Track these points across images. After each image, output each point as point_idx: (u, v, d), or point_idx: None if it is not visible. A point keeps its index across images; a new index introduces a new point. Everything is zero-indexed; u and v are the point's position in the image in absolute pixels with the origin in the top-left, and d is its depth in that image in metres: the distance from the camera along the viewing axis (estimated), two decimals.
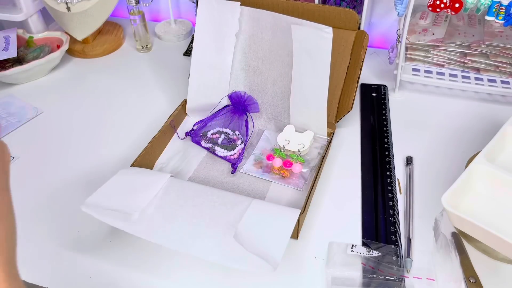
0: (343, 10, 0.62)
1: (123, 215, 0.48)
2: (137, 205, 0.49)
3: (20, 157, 0.64)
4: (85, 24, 0.83)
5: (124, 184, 0.53)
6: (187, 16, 0.96)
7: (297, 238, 0.52)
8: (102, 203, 0.49)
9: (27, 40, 0.83)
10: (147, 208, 0.49)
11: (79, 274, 0.49)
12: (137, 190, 0.52)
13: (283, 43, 0.61)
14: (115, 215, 0.48)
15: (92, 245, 0.52)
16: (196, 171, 0.61)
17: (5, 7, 0.85)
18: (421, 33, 0.77)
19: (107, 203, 0.49)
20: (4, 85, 0.79)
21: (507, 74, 0.74)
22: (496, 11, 0.61)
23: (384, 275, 0.47)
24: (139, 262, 0.50)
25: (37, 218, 0.56)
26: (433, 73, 0.75)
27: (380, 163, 0.62)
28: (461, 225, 0.46)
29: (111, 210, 0.48)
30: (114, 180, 0.53)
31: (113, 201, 0.50)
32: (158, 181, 0.53)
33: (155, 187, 0.52)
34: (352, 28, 0.62)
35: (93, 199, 0.50)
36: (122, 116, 0.72)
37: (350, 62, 0.63)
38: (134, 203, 0.49)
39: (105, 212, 0.48)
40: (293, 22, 0.58)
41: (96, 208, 0.49)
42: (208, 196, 0.51)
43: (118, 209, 0.48)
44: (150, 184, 0.52)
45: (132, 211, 0.48)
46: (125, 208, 0.49)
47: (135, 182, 0.53)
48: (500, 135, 0.54)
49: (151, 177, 0.54)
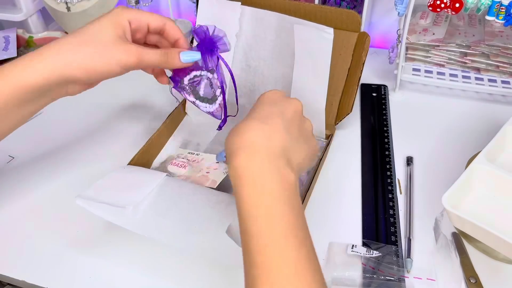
0: (345, 11, 0.61)
1: (116, 209, 0.48)
2: (131, 200, 0.49)
3: (19, 157, 0.64)
4: (85, 24, 0.83)
5: (120, 180, 0.53)
6: (187, 16, 0.96)
7: None
8: (96, 197, 0.49)
9: (27, 40, 0.83)
10: (141, 204, 0.49)
11: (79, 274, 0.49)
12: (132, 186, 0.52)
13: (287, 44, 0.61)
14: (108, 209, 0.48)
15: (92, 245, 0.52)
16: None
17: (5, 7, 0.84)
18: (422, 33, 0.77)
19: (101, 197, 0.49)
20: None
21: (507, 74, 0.73)
22: (496, 11, 0.61)
23: (384, 275, 0.47)
24: (139, 262, 0.50)
25: (36, 218, 0.56)
26: (434, 73, 0.75)
27: (380, 163, 0.61)
28: (461, 225, 0.46)
29: (105, 204, 0.48)
30: (110, 176, 0.53)
31: (108, 195, 0.50)
32: (154, 179, 0.53)
33: (150, 185, 0.52)
34: (354, 30, 0.62)
35: (88, 192, 0.50)
36: (121, 115, 0.71)
37: (351, 64, 0.63)
38: (128, 198, 0.49)
39: (99, 205, 0.48)
40: (297, 23, 0.58)
41: (89, 201, 0.48)
42: (203, 195, 0.51)
43: (111, 203, 0.48)
44: (145, 181, 0.52)
45: (125, 205, 0.48)
46: (119, 202, 0.48)
47: (131, 179, 0.53)
48: (501, 135, 0.54)
49: (147, 175, 0.54)
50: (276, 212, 0.35)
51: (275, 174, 0.36)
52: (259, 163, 0.36)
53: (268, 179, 0.36)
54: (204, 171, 0.59)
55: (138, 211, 0.48)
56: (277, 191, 0.36)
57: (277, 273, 0.32)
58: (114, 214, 0.48)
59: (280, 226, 0.34)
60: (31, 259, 0.51)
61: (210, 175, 0.59)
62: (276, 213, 0.35)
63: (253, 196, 0.35)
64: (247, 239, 0.34)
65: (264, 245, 0.33)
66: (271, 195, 0.35)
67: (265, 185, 0.36)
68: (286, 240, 0.34)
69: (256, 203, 0.35)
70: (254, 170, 0.36)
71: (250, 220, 0.35)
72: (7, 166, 0.63)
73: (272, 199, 0.35)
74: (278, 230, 0.34)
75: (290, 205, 0.36)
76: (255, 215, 0.35)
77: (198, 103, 0.55)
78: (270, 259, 0.33)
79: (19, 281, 0.49)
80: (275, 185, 0.36)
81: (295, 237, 0.34)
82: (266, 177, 0.36)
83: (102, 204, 0.48)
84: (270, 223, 0.34)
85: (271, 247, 0.33)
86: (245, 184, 0.36)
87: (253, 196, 0.35)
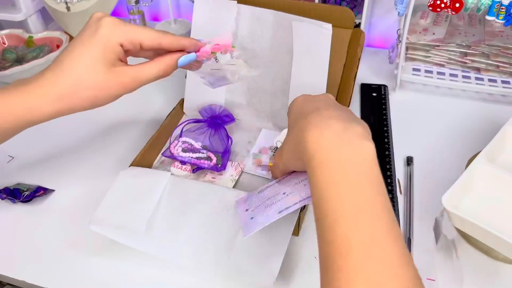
0: (339, 8, 0.61)
1: (131, 232, 0.49)
2: (142, 216, 0.50)
3: (19, 157, 0.64)
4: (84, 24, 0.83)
5: (126, 190, 0.52)
6: (187, 15, 0.96)
7: (297, 234, 0.52)
8: (108, 219, 0.50)
9: (27, 40, 0.82)
10: (152, 219, 0.50)
11: (79, 274, 0.49)
12: (139, 196, 0.52)
13: (284, 42, 0.61)
14: (123, 233, 0.49)
15: (92, 245, 0.52)
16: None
17: (5, 6, 0.84)
18: (422, 33, 0.77)
19: (113, 218, 0.50)
20: (4, 85, 0.78)
21: (507, 74, 0.73)
22: (496, 11, 0.61)
23: None
24: (139, 262, 0.50)
25: (36, 218, 0.56)
26: (434, 73, 0.75)
27: (380, 163, 0.61)
28: (461, 225, 0.46)
29: (119, 228, 0.49)
30: (115, 188, 0.53)
31: (119, 214, 0.50)
32: (159, 182, 0.53)
33: (157, 189, 0.52)
34: (348, 27, 0.62)
35: (98, 215, 0.50)
36: (121, 115, 0.71)
37: (347, 60, 0.63)
38: (139, 215, 0.50)
39: (113, 230, 0.49)
40: (294, 20, 0.58)
41: (103, 226, 0.49)
42: (209, 202, 0.51)
43: (125, 226, 0.49)
44: (151, 187, 0.52)
45: (138, 225, 0.49)
46: (132, 223, 0.49)
47: (136, 187, 0.53)
48: (501, 135, 0.53)
49: (151, 178, 0.54)
50: (358, 187, 0.33)
51: (350, 147, 0.35)
52: (330, 138, 0.35)
53: (344, 152, 0.34)
54: (209, 176, 0.59)
55: (151, 231, 0.49)
56: (356, 164, 0.34)
57: (354, 247, 0.30)
58: (129, 237, 0.49)
59: (353, 199, 0.32)
60: (31, 259, 0.51)
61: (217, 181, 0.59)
62: (357, 188, 0.33)
63: (329, 172, 0.34)
64: (322, 217, 0.32)
65: (334, 220, 0.32)
66: (350, 168, 0.34)
67: (342, 159, 0.34)
68: (358, 216, 0.32)
69: (329, 182, 0.33)
70: (328, 144, 0.35)
71: (325, 196, 0.33)
72: (7, 166, 0.63)
73: (348, 175, 0.33)
74: (349, 205, 0.32)
75: (369, 179, 0.34)
76: (333, 193, 0.33)
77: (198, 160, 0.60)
78: (343, 234, 0.31)
79: (19, 281, 0.49)
80: (353, 157, 0.34)
81: (369, 211, 0.32)
82: (343, 150, 0.34)
83: (115, 229, 0.49)
84: (344, 199, 0.32)
85: (343, 221, 0.31)
86: (319, 160, 0.34)
87: (329, 172, 0.34)
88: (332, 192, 0.33)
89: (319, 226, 0.33)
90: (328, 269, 0.31)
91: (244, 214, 0.46)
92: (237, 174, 0.59)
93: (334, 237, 0.31)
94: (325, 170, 0.34)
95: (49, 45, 0.82)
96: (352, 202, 0.32)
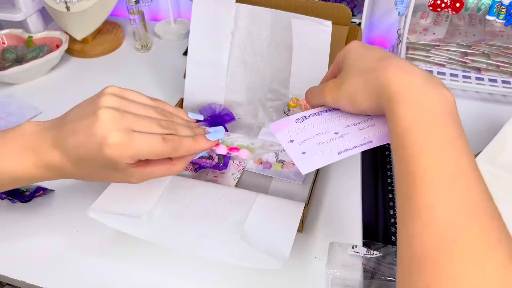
0: (335, 5, 0.62)
1: (131, 219, 0.48)
2: (144, 206, 0.49)
3: None
4: (84, 24, 0.83)
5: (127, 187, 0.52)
6: (187, 15, 0.96)
7: (301, 230, 0.52)
8: (108, 208, 0.49)
9: (26, 39, 0.82)
10: (154, 209, 0.49)
11: (79, 274, 0.49)
12: (141, 189, 0.51)
13: (282, 39, 0.61)
14: (123, 219, 0.48)
15: (92, 245, 0.52)
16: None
17: (4, 6, 0.84)
18: (422, 33, 0.77)
19: (114, 207, 0.49)
20: (3, 85, 0.78)
21: (508, 73, 0.73)
22: (497, 10, 0.61)
23: (384, 276, 0.47)
24: (139, 261, 0.50)
25: (36, 218, 0.55)
26: (434, 73, 0.75)
27: (380, 162, 0.61)
28: None
29: (119, 215, 0.48)
30: (116, 184, 0.52)
31: (119, 204, 0.50)
32: (161, 180, 0.53)
33: (159, 185, 0.52)
34: (345, 24, 0.62)
35: (99, 203, 0.50)
36: None
37: None
38: (141, 205, 0.49)
39: (113, 217, 0.48)
40: (293, 17, 0.58)
41: (103, 213, 0.48)
42: (212, 195, 0.51)
43: (125, 213, 0.48)
44: (153, 184, 0.52)
45: (139, 214, 0.48)
46: (132, 212, 0.49)
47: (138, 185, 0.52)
48: (501, 135, 0.53)
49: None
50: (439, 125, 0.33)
51: (435, 89, 0.35)
52: (415, 78, 0.35)
53: (431, 93, 0.34)
54: (211, 175, 0.59)
55: (152, 218, 0.48)
56: (442, 104, 0.34)
57: (434, 179, 0.31)
58: (129, 224, 0.48)
59: (440, 135, 0.33)
60: (31, 259, 0.51)
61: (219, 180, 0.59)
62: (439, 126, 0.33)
63: (416, 107, 0.34)
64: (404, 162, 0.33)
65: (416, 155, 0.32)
66: (437, 107, 0.34)
67: (429, 99, 0.34)
68: (444, 149, 0.32)
69: (414, 117, 0.33)
70: (415, 83, 0.35)
71: (410, 130, 0.33)
72: None
73: (434, 113, 0.33)
74: (435, 139, 0.33)
75: (454, 120, 0.34)
76: (419, 128, 0.33)
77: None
78: (425, 167, 0.31)
79: (19, 281, 0.49)
80: (439, 99, 0.34)
81: (454, 147, 0.33)
82: (430, 91, 0.34)
83: (115, 216, 0.48)
84: (431, 133, 0.33)
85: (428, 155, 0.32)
86: (405, 96, 0.34)
87: (416, 108, 0.34)
88: (418, 127, 0.33)
89: (399, 159, 0.33)
90: (407, 197, 0.32)
91: (293, 146, 0.42)
92: (239, 172, 0.60)
93: (416, 168, 0.32)
94: (411, 106, 0.34)
95: (49, 45, 0.82)
96: (438, 137, 0.33)
